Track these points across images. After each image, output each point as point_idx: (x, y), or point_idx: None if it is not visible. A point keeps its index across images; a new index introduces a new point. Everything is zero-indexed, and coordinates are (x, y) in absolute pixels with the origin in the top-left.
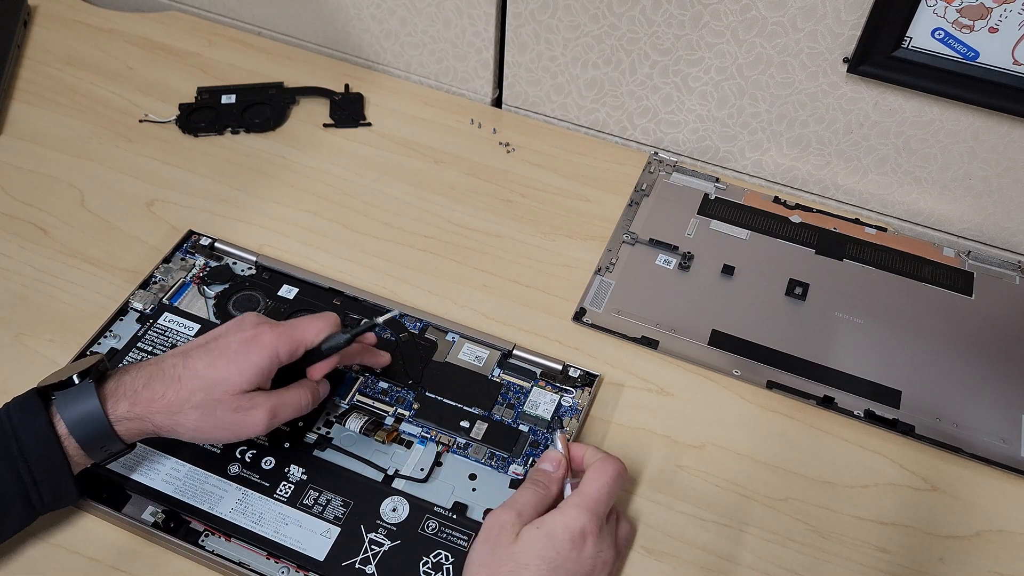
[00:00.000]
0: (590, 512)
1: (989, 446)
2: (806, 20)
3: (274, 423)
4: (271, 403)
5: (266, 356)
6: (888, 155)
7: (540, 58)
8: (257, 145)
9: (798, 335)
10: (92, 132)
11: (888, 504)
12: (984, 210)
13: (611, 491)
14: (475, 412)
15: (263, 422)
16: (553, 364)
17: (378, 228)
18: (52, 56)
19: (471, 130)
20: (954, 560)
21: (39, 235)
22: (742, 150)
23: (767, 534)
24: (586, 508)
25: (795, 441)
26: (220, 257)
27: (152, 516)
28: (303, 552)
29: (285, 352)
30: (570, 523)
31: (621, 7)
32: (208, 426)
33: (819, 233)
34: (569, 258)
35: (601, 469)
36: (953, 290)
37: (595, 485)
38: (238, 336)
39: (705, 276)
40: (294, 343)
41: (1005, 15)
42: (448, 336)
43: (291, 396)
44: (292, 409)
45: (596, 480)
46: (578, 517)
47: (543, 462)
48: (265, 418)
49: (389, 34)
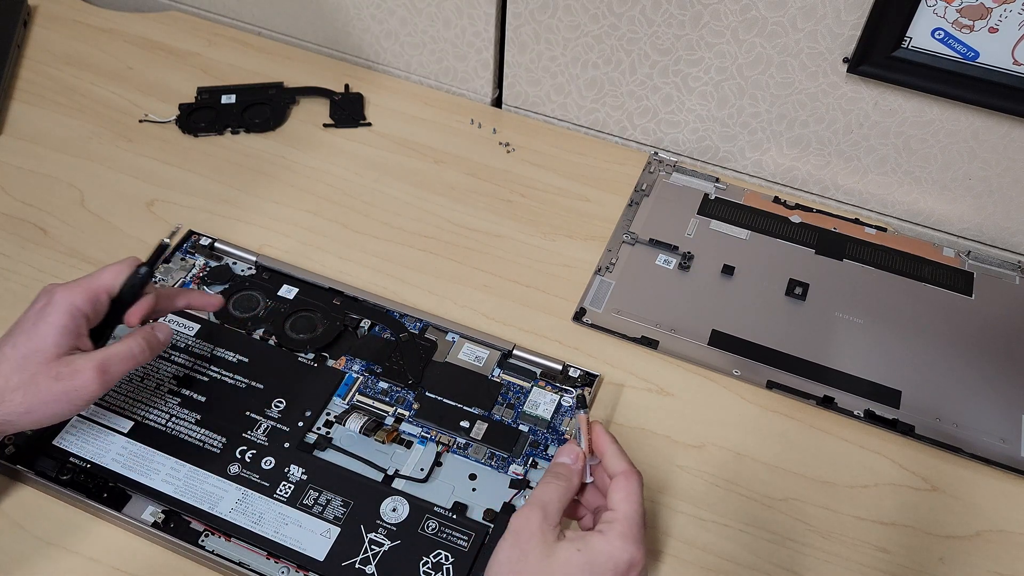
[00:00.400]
0: (637, 543)
1: (989, 446)
2: (806, 20)
3: (108, 379)
4: (96, 360)
5: (64, 312)
6: (888, 155)
7: (540, 58)
8: (257, 145)
9: (798, 335)
10: (92, 132)
11: (888, 504)
12: (984, 210)
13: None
14: (475, 412)
15: (94, 381)
16: (553, 364)
17: (378, 228)
18: (52, 56)
19: (471, 130)
20: (954, 560)
21: (39, 235)
22: (742, 150)
23: (767, 534)
24: (633, 539)
25: (795, 441)
26: (220, 257)
27: (152, 516)
28: (303, 552)
29: (83, 301)
30: (616, 554)
31: (621, 7)
32: (38, 403)
33: (819, 233)
34: (569, 258)
35: (628, 487)
36: (953, 290)
37: (630, 506)
38: (33, 308)
39: (705, 276)
40: (90, 291)
41: (1005, 15)
42: (448, 336)
43: (119, 347)
44: (124, 360)
45: (630, 501)
46: (625, 548)
47: (561, 455)
48: (95, 377)
49: (389, 34)
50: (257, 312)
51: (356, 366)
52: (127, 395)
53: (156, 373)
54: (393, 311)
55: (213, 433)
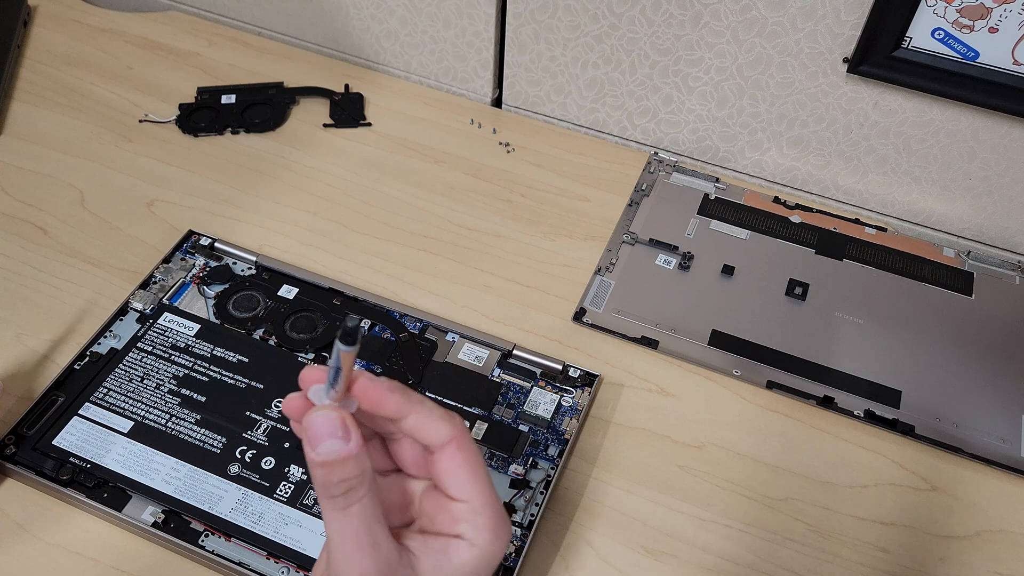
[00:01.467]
0: (508, 528)
1: (989, 446)
2: (806, 20)
3: None
4: None
5: None
6: (888, 155)
7: (540, 58)
8: (257, 145)
9: (798, 335)
10: (92, 132)
11: (888, 504)
12: (984, 210)
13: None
14: (475, 412)
15: None
16: (553, 364)
17: (378, 228)
18: (52, 56)
19: (471, 130)
20: (954, 560)
21: (39, 235)
22: (742, 150)
23: (767, 534)
24: (507, 527)
25: (795, 441)
26: (220, 257)
27: (152, 516)
28: (303, 552)
29: None
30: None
31: (621, 7)
32: None
33: (819, 233)
34: (569, 258)
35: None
36: (953, 290)
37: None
38: None
39: (705, 276)
40: None
41: (1005, 15)
42: (448, 336)
43: None
44: None
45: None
46: (501, 545)
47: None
48: None
49: (389, 34)
50: (257, 312)
51: (355, 366)
52: (127, 395)
53: (156, 373)
54: (393, 311)
55: (213, 433)
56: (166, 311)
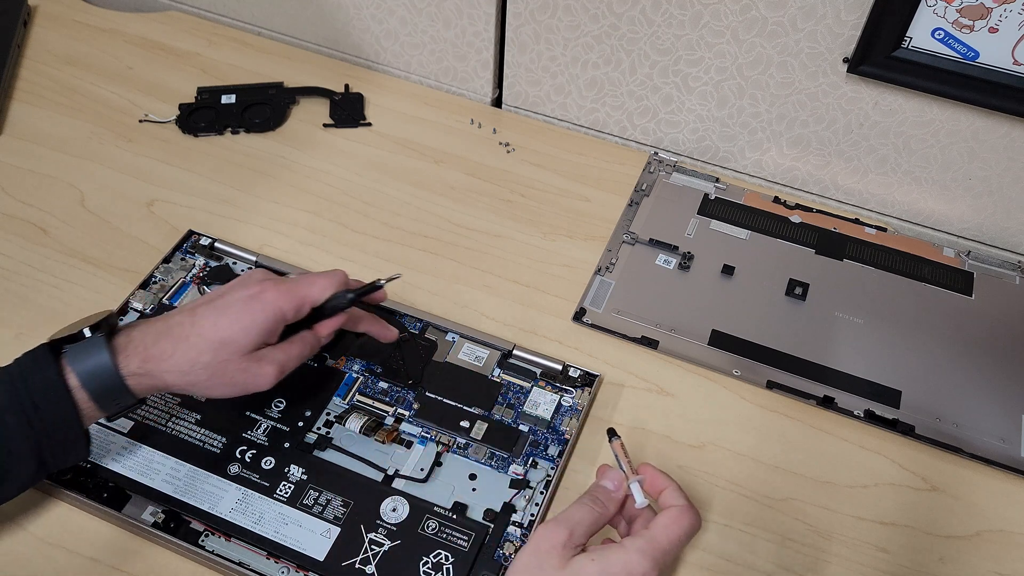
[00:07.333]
0: (654, 561)
1: (989, 446)
2: (806, 20)
3: (281, 376)
4: (279, 362)
5: (271, 315)
6: (888, 155)
7: (540, 58)
8: (257, 145)
9: (798, 335)
10: (92, 132)
11: (888, 504)
12: (984, 210)
13: (681, 545)
14: (475, 412)
15: (272, 377)
16: (553, 364)
17: (378, 228)
18: (52, 56)
19: (471, 130)
20: (954, 560)
21: (39, 235)
22: (742, 150)
23: (767, 534)
24: (652, 556)
25: (795, 441)
26: (220, 257)
27: (152, 516)
28: (303, 552)
29: (290, 310)
30: (631, 567)
31: (621, 7)
32: (219, 384)
33: (819, 233)
34: (569, 258)
35: (679, 518)
36: (953, 290)
37: (667, 534)
38: (243, 293)
39: (705, 276)
40: (298, 300)
41: (1005, 15)
42: (448, 336)
43: (296, 349)
44: (297, 361)
45: (670, 529)
46: (640, 563)
47: (604, 479)
48: (274, 373)
49: (389, 34)
50: None
51: (356, 366)
52: None
53: None
54: (393, 311)
55: (213, 433)
56: (166, 311)
